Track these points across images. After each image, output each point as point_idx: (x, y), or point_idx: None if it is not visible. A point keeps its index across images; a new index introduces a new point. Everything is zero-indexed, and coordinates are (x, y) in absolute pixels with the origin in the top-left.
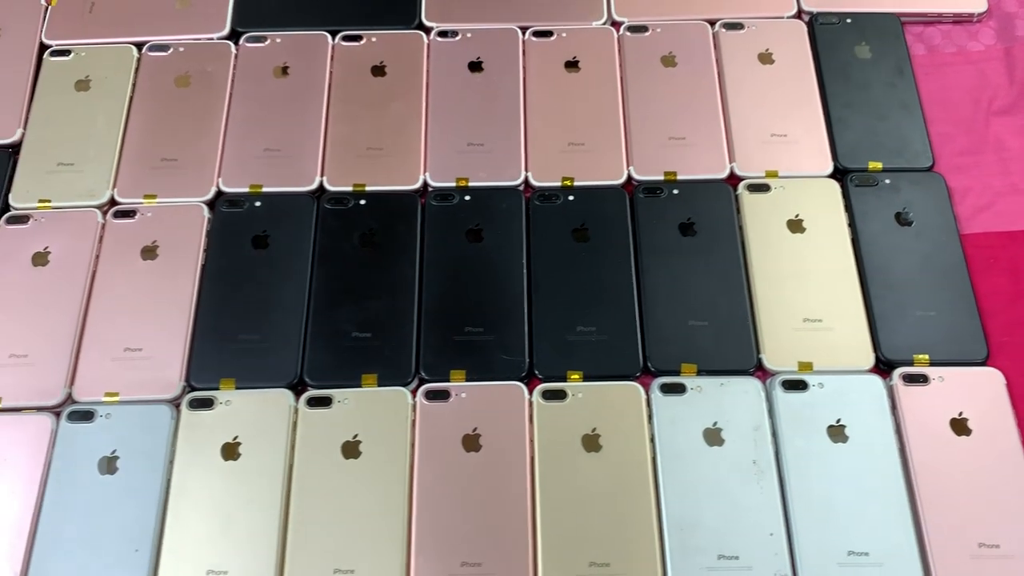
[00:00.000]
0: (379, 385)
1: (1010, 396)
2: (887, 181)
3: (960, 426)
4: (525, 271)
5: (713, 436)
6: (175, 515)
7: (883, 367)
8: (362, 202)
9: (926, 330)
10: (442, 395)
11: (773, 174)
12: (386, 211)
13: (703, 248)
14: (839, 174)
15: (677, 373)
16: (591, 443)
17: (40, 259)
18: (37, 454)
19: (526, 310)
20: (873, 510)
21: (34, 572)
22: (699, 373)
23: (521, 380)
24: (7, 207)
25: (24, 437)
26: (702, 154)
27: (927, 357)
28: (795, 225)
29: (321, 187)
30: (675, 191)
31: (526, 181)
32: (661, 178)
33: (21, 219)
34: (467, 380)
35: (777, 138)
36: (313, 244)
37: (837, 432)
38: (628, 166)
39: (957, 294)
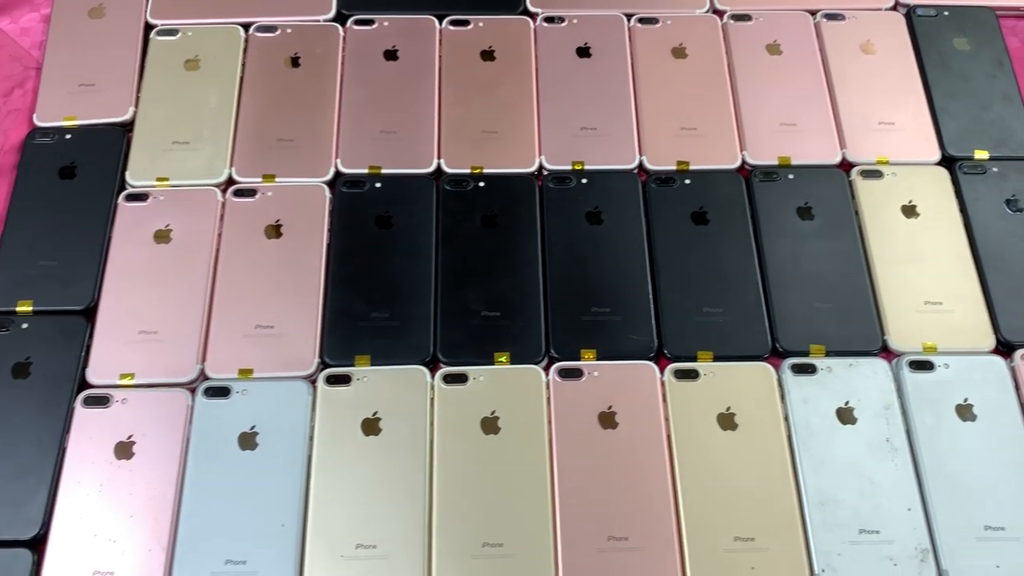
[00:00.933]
0: (511, 363)
1: None
2: (995, 169)
3: None
4: (647, 253)
5: (846, 415)
6: (319, 490)
7: (1003, 348)
8: (481, 184)
9: None
10: (575, 373)
11: (884, 161)
12: (505, 193)
13: (822, 232)
14: (946, 162)
15: (806, 354)
16: (726, 421)
17: (162, 236)
18: (175, 430)
19: (651, 291)
20: (1006, 487)
21: (181, 547)
22: (827, 354)
23: (651, 359)
24: (123, 185)
25: (161, 413)
26: (814, 140)
27: None
28: (909, 211)
29: (439, 169)
30: (790, 176)
31: (641, 165)
32: (775, 163)
33: (140, 197)
34: (597, 359)
35: (885, 126)
36: (436, 225)
37: (965, 411)
38: (742, 151)
39: None
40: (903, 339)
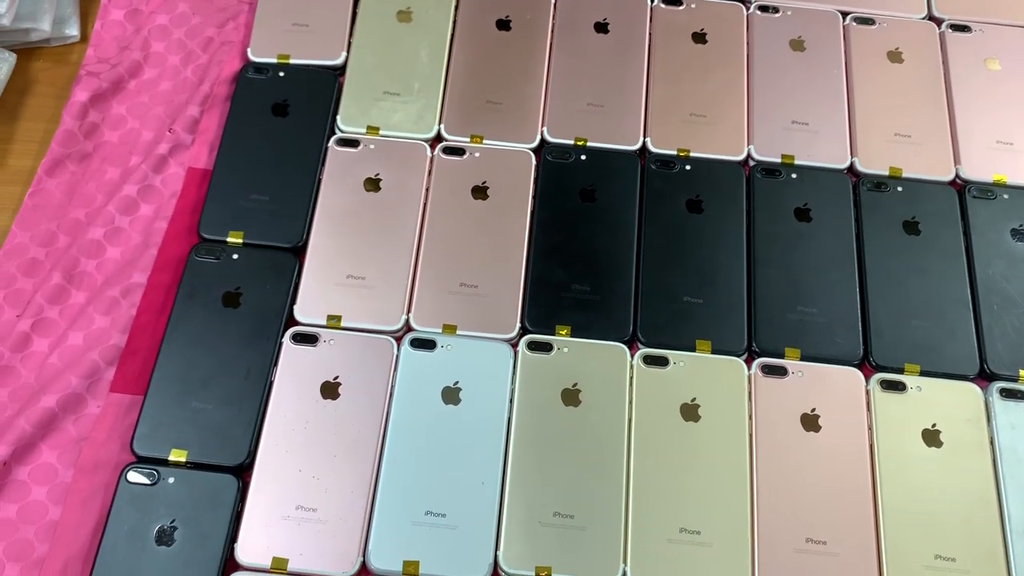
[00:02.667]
0: (712, 352)
1: None
2: None
3: None
4: (856, 257)
5: None
6: (518, 453)
7: None
8: (687, 168)
9: None
10: (780, 371)
11: (1001, 180)
12: (711, 178)
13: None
14: None
15: (1015, 379)
16: (932, 438)
17: (372, 185)
18: (380, 377)
19: (859, 296)
20: None
21: (383, 493)
22: None
23: (856, 366)
24: (334, 129)
25: (367, 358)
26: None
27: None
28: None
29: (644, 147)
30: (1005, 196)
31: (851, 167)
32: (990, 181)
33: (351, 143)
34: (800, 360)
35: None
36: (640, 203)
37: None
38: (956, 164)
39: None
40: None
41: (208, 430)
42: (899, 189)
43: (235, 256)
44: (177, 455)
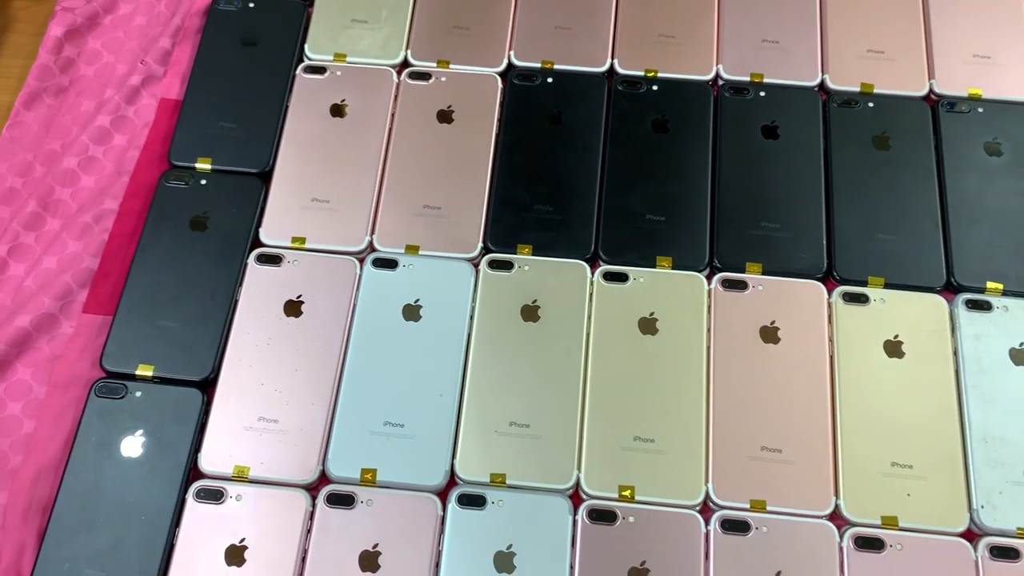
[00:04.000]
0: (673, 268)
1: None
2: None
3: None
4: (823, 172)
5: (1020, 356)
6: (477, 367)
7: None
8: (654, 88)
9: None
10: (739, 285)
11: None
12: (678, 98)
13: (1010, 169)
14: None
15: (982, 291)
16: (893, 349)
17: (338, 111)
18: (342, 295)
19: (824, 211)
20: None
21: (342, 405)
22: (1005, 293)
23: (818, 280)
24: (302, 57)
25: (331, 278)
26: (1008, 74)
27: None
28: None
29: (612, 69)
30: (980, 109)
31: (822, 84)
32: (965, 95)
33: (318, 70)
34: (762, 274)
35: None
36: (605, 124)
37: None
38: (929, 80)
39: None
40: None
41: (174, 347)
42: (870, 105)
43: (203, 182)
44: (144, 370)
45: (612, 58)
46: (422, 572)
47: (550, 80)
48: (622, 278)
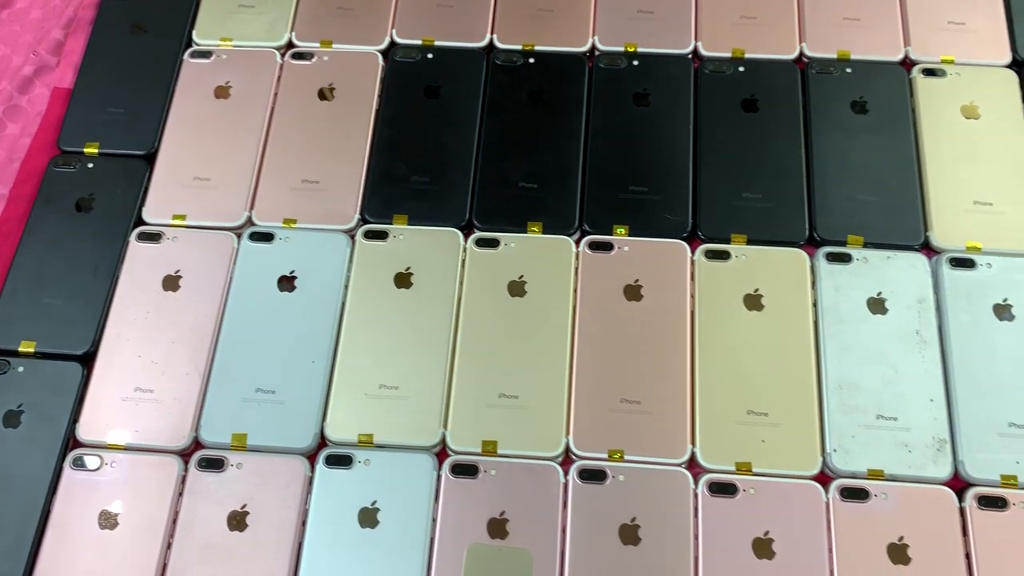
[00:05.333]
0: (543, 233)
1: None
2: None
3: None
4: (692, 137)
5: (876, 305)
6: (349, 333)
7: None
8: (531, 61)
9: None
10: (606, 246)
11: (949, 60)
12: (554, 71)
13: (874, 127)
14: (1016, 65)
15: (843, 244)
16: (753, 302)
17: (222, 92)
18: (220, 269)
19: (691, 173)
20: None
21: (216, 373)
22: (865, 246)
23: (684, 239)
24: (190, 42)
25: (208, 252)
26: (877, 36)
27: None
28: (970, 111)
29: (491, 44)
30: (848, 70)
31: (695, 51)
32: (834, 56)
33: (205, 54)
34: (629, 235)
35: (955, 25)
36: (483, 98)
37: (1003, 310)
38: (800, 42)
39: None
40: (946, 236)
41: (56, 323)
42: (741, 70)
43: (90, 165)
44: (26, 346)
45: (492, 33)
46: (289, 530)
47: (430, 56)
48: (493, 244)
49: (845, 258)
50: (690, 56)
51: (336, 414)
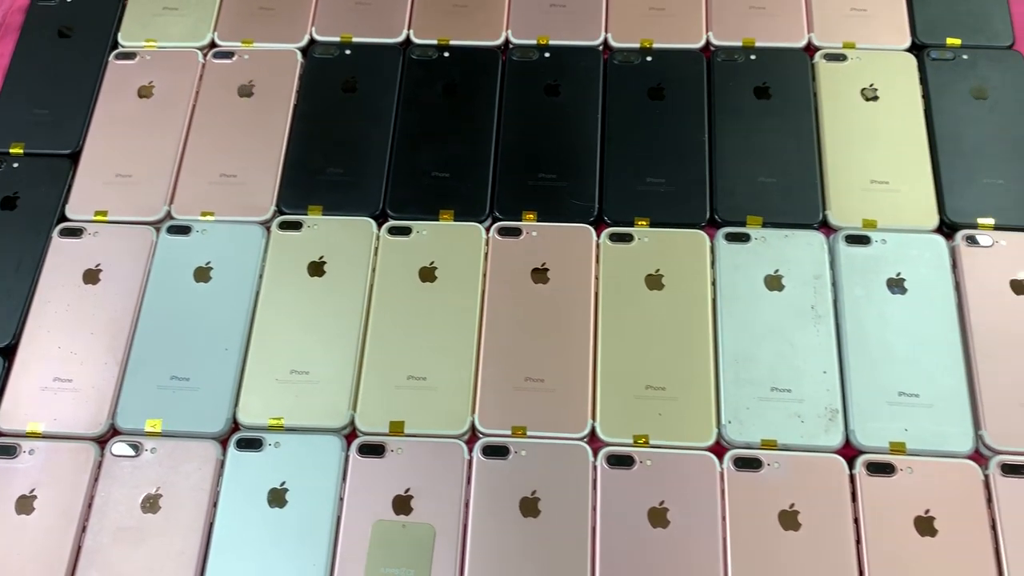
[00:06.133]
0: (455, 220)
1: None
2: (964, 57)
3: (1020, 286)
4: (600, 125)
5: (774, 282)
6: (263, 321)
7: (947, 229)
8: (446, 55)
9: (993, 197)
10: (514, 232)
11: (851, 45)
12: (469, 64)
13: (776, 111)
14: (916, 49)
15: (743, 224)
16: (654, 282)
17: (145, 92)
18: (139, 262)
19: (599, 160)
20: (927, 358)
21: (133, 362)
22: (764, 226)
23: (590, 223)
24: (116, 45)
25: (128, 246)
26: (781, 23)
27: (992, 222)
28: (869, 94)
29: (408, 39)
30: (752, 56)
31: (605, 42)
32: (740, 44)
33: (129, 55)
34: (538, 221)
35: (857, 12)
36: (398, 91)
37: (896, 284)
38: (707, 31)
39: None
40: (843, 215)
41: None
42: (648, 59)
43: (16, 165)
44: None
45: (408, 29)
46: (201, 511)
47: (348, 52)
48: (405, 231)
49: (744, 238)
50: (600, 47)
51: (248, 399)
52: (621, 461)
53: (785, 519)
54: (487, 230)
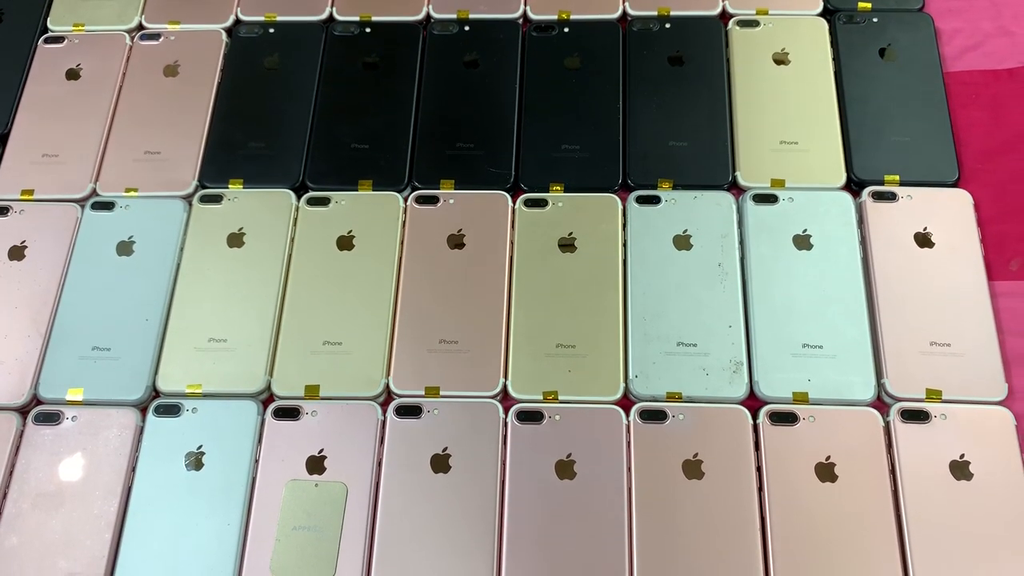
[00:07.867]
0: (374, 190)
1: (976, 215)
2: (875, 20)
3: (924, 239)
4: (518, 96)
5: (682, 242)
6: (182, 292)
7: (855, 187)
8: (368, 31)
9: (899, 154)
10: (431, 200)
11: (763, 11)
12: (390, 40)
13: (690, 78)
14: (828, 14)
15: (654, 187)
16: (567, 245)
17: (73, 74)
18: (63, 238)
19: (516, 129)
20: (832, 311)
21: (56, 335)
22: (675, 188)
23: (506, 190)
24: (45, 29)
25: (53, 223)
26: None
27: (897, 177)
28: (781, 59)
29: (331, 17)
30: (667, 26)
31: (524, 15)
32: (654, 14)
33: (57, 39)
34: (456, 189)
35: None
36: (320, 67)
37: (802, 241)
38: (624, 2)
39: (934, 124)
40: (752, 175)
41: None
42: (565, 31)
43: None
44: None
45: (331, 7)
46: (119, 476)
47: (272, 31)
48: (323, 202)
49: (654, 200)
50: (519, 20)
51: (167, 367)
52: (530, 417)
53: (689, 468)
54: (405, 199)
